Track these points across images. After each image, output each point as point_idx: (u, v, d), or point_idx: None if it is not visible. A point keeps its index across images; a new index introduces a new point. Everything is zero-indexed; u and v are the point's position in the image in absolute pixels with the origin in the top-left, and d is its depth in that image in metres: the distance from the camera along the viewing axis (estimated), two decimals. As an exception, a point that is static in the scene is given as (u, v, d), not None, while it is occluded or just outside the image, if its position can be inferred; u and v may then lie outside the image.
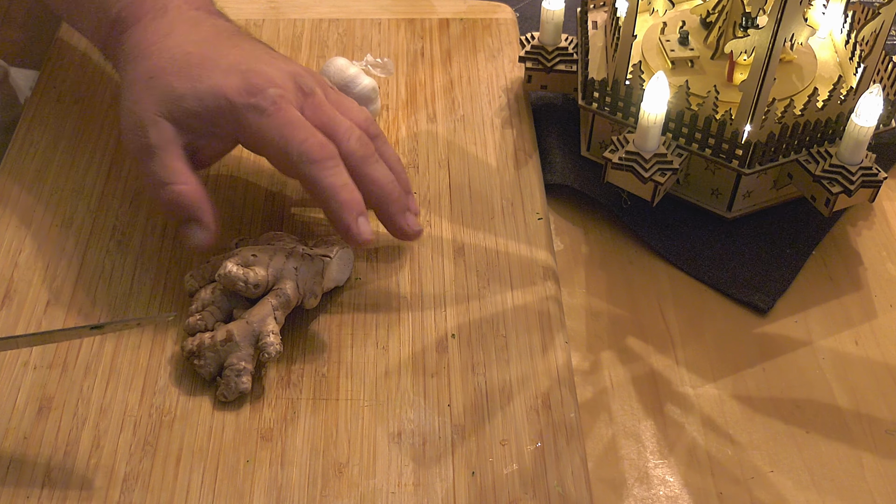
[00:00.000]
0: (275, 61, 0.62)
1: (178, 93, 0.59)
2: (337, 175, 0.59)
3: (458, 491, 0.54)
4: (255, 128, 0.59)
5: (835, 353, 0.64)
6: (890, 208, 0.73)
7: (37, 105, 0.77)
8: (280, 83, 0.60)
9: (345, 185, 0.59)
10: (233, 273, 0.58)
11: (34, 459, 0.55)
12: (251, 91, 0.59)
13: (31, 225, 0.68)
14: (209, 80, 0.59)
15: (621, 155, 0.67)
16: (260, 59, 0.62)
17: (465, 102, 0.78)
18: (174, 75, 0.60)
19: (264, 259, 0.60)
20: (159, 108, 0.60)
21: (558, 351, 0.61)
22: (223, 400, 0.57)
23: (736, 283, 0.67)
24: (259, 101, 0.59)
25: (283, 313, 0.59)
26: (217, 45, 0.62)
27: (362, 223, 0.60)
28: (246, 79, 0.59)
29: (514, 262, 0.66)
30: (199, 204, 0.60)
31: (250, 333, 0.58)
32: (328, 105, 0.62)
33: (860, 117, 0.64)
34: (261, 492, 0.54)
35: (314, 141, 0.59)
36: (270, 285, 0.59)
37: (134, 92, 0.61)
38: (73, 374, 0.59)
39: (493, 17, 0.86)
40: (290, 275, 0.60)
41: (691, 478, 0.58)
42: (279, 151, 0.59)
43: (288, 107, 0.59)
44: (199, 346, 0.58)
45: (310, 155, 0.59)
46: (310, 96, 0.61)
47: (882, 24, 0.65)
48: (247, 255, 0.60)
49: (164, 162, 0.60)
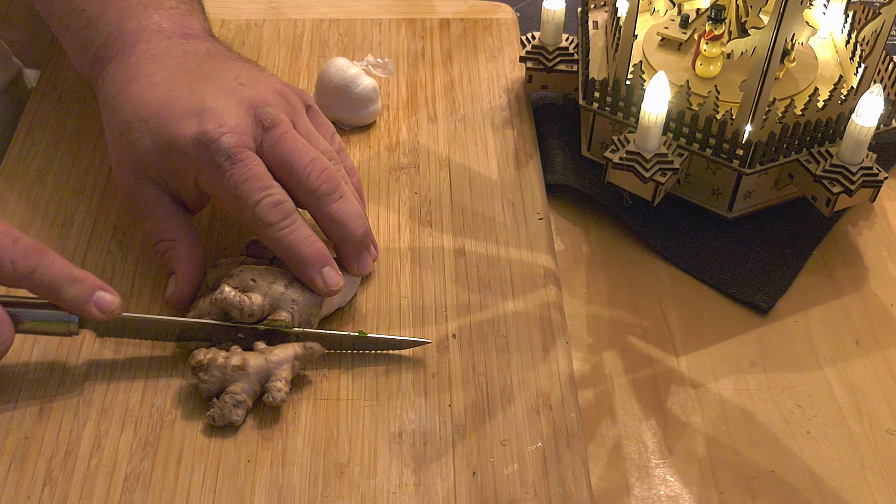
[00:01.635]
0: (241, 89, 0.60)
1: (142, 150, 0.59)
2: (295, 233, 0.58)
3: (459, 491, 0.54)
4: (211, 182, 0.58)
5: (835, 353, 0.64)
6: (890, 208, 0.73)
7: (37, 105, 0.77)
8: (234, 124, 0.58)
9: (304, 240, 0.58)
10: (229, 298, 0.57)
11: (35, 459, 0.55)
12: (204, 142, 0.57)
13: (31, 225, 0.68)
14: (166, 132, 0.58)
15: (622, 155, 0.67)
16: (222, 90, 0.60)
17: (465, 102, 0.78)
18: (137, 132, 0.59)
19: (263, 286, 0.59)
20: (135, 170, 0.60)
21: (559, 351, 0.61)
22: (211, 423, 0.56)
23: (736, 282, 0.67)
24: (213, 155, 0.57)
25: (301, 365, 0.58)
26: (179, 82, 0.60)
27: (328, 274, 0.59)
28: (200, 124, 0.58)
29: (514, 261, 0.66)
30: (178, 262, 0.61)
31: (264, 371, 0.57)
32: (290, 137, 0.59)
33: (861, 117, 0.64)
34: (261, 492, 0.54)
35: (268, 202, 0.57)
36: (266, 314, 0.59)
37: (113, 151, 0.62)
38: (74, 374, 0.59)
39: (494, 17, 0.87)
40: (287, 306, 0.59)
41: (692, 477, 0.58)
42: (235, 209, 0.58)
43: (243, 158, 0.58)
44: (209, 361, 0.57)
45: (264, 219, 0.58)
46: (270, 129, 0.59)
47: (882, 24, 0.65)
48: (246, 279, 0.59)
49: (154, 221, 0.61)
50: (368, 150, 0.74)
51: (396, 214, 0.69)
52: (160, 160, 0.59)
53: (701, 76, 0.70)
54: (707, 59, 0.69)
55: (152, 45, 0.63)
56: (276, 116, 0.60)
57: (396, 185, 0.71)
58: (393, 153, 0.74)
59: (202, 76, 0.61)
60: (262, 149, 0.59)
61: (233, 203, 0.58)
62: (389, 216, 0.69)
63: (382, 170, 0.72)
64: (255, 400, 0.57)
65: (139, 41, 0.63)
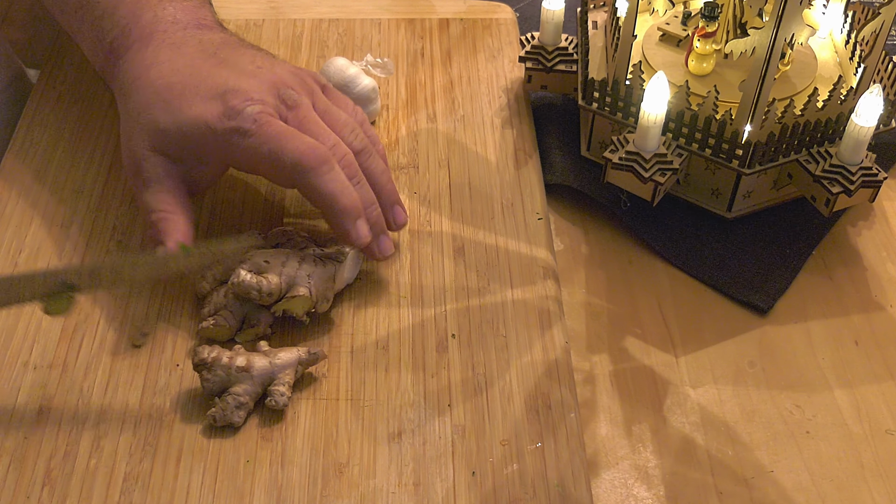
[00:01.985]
0: (260, 72, 0.62)
1: (161, 127, 0.60)
2: (334, 180, 0.59)
3: (459, 491, 0.54)
4: (242, 148, 0.59)
5: (835, 353, 0.64)
6: (890, 208, 0.73)
7: (37, 105, 0.77)
8: (258, 98, 0.60)
9: (343, 189, 0.60)
10: (246, 281, 0.58)
11: (34, 459, 0.55)
12: (230, 114, 0.59)
13: (31, 225, 0.68)
14: (190, 111, 0.60)
15: (621, 155, 0.67)
16: (243, 73, 0.61)
17: (465, 102, 0.78)
18: (159, 110, 0.60)
19: (276, 265, 0.59)
20: (149, 143, 0.61)
21: (558, 351, 0.61)
22: (212, 423, 0.56)
23: (736, 283, 0.67)
24: (239, 123, 0.59)
25: (304, 368, 0.58)
26: (199, 67, 0.62)
27: (361, 227, 0.60)
28: (224, 102, 0.59)
29: (514, 261, 0.66)
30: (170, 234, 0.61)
31: (268, 374, 0.57)
32: (311, 121, 0.61)
33: (860, 117, 0.64)
34: (261, 492, 0.54)
35: (305, 147, 0.59)
36: (284, 292, 0.59)
37: (127, 128, 0.62)
38: (74, 374, 0.59)
39: (493, 17, 0.87)
40: (303, 281, 0.59)
41: (692, 477, 0.58)
42: (272, 165, 0.59)
43: (270, 120, 0.59)
44: (213, 360, 0.57)
45: (303, 163, 0.59)
46: (294, 109, 0.61)
47: (882, 24, 0.65)
48: (259, 262, 0.60)
49: (155, 192, 0.61)
50: (368, 150, 0.74)
51: (396, 214, 0.69)
52: (179, 138, 0.60)
53: (694, 73, 0.70)
54: (700, 55, 0.69)
55: (168, 36, 0.64)
56: (297, 99, 0.61)
57: (396, 185, 0.71)
58: (392, 153, 0.74)
59: (220, 62, 0.63)
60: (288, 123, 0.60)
61: (268, 158, 0.59)
62: (389, 216, 0.69)
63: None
64: (257, 402, 0.57)
65: (156, 31, 0.64)
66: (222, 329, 0.60)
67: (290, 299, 0.59)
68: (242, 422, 0.57)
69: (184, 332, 0.61)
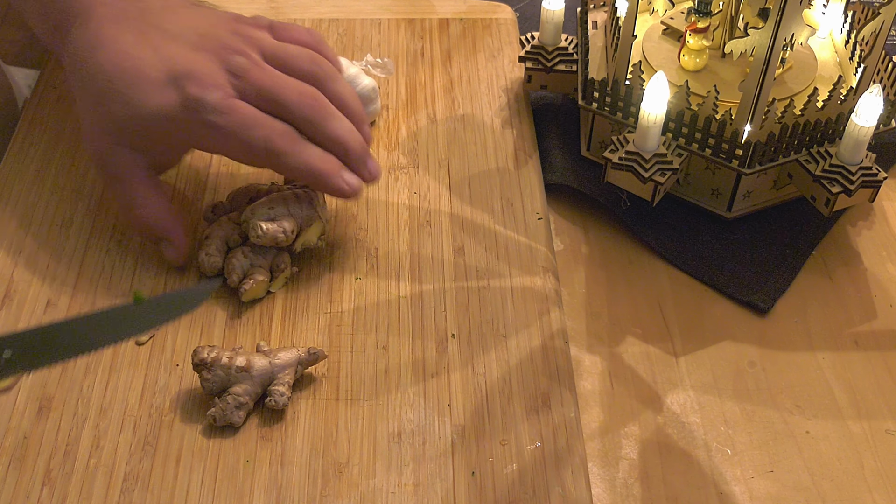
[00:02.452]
0: (204, 42, 0.61)
1: (121, 121, 0.60)
2: (307, 153, 0.61)
3: (458, 491, 0.54)
4: (210, 136, 0.60)
5: (835, 353, 0.64)
6: (890, 208, 0.73)
7: (37, 105, 0.77)
8: (212, 81, 0.60)
9: (318, 156, 0.61)
10: (270, 231, 0.61)
11: (34, 459, 0.55)
12: (191, 105, 0.59)
13: (31, 225, 0.68)
14: (148, 104, 0.59)
15: (621, 155, 0.67)
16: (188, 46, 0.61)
17: (465, 102, 0.78)
18: (115, 103, 0.60)
19: (282, 212, 0.63)
20: (112, 138, 0.61)
21: (558, 351, 0.61)
22: (211, 423, 0.56)
23: (736, 283, 0.67)
24: (204, 115, 0.59)
25: (304, 368, 0.59)
26: (144, 46, 0.61)
27: (349, 178, 0.62)
28: (180, 89, 0.59)
29: (514, 261, 0.66)
30: (164, 224, 0.63)
31: (268, 374, 0.57)
32: (266, 77, 0.61)
33: (860, 117, 0.64)
34: (261, 492, 0.54)
35: (274, 135, 0.60)
36: (301, 229, 0.63)
37: (87, 118, 0.62)
38: (73, 374, 0.59)
39: (493, 17, 0.87)
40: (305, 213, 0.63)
41: (691, 477, 0.58)
42: (242, 151, 0.61)
43: (234, 106, 0.60)
44: (213, 360, 0.57)
45: (276, 150, 0.60)
46: (242, 77, 0.61)
47: (882, 24, 0.65)
48: (264, 211, 0.62)
49: (130, 187, 0.63)
50: (368, 150, 0.74)
51: (395, 214, 0.69)
52: (142, 129, 0.60)
53: (686, 69, 0.70)
54: (692, 51, 0.69)
55: (108, 9, 0.63)
56: (245, 64, 0.61)
57: (396, 185, 0.71)
58: (392, 153, 0.74)
59: (164, 34, 0.62)
60: (245, 96, 0.61)
61: (239, 150, 0.60)
62: (388, 216, 0.69)
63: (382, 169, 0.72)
64: (257, 402, 0.57)
65: (94, 4, 0.63)
66: (261, 284, 0.62)
67: (304, 232, 0.63)
68: (242, 422, 0.57)
69: (184, 331, 0.61)
